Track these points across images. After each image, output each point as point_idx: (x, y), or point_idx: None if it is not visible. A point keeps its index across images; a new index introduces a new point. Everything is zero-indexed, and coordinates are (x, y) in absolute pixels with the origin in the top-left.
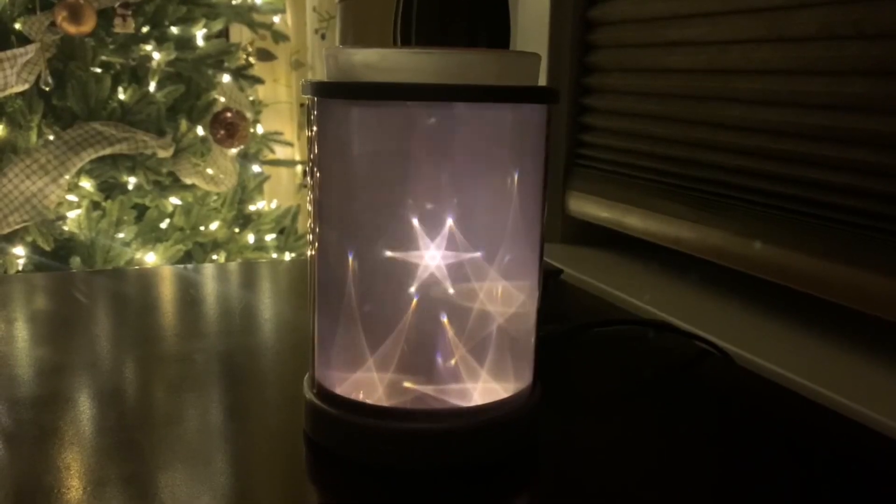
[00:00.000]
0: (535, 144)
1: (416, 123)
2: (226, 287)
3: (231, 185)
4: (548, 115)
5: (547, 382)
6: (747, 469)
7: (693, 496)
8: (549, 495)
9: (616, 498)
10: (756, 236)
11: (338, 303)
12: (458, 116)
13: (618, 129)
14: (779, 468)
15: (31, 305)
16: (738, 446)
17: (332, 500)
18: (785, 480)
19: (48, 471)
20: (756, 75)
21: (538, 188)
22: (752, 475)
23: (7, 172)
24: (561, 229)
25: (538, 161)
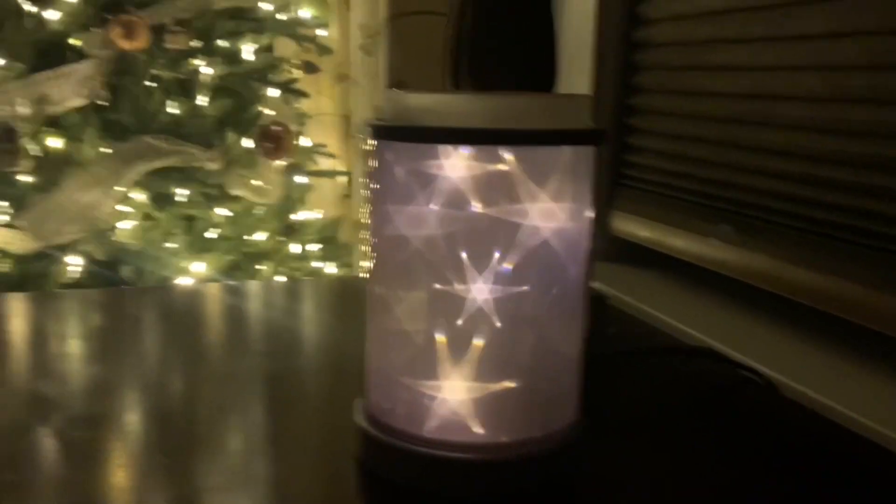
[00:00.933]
0: (583, 182)
1: (465, 165)
2: (272, 305)
3: (276, 196)
4: (596, 153)
5: (587, 407)
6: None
7: None
8: None
9: None
10: (798, 262)
11: (389, 334)
12: (507, 158)
13: (662, 150)
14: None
15: (84, 321)
16: (778, 477)
17: None
18: None
19: (97, 489)
20: (798, 102)
21: (585, 223)
22: None
23: (64, 184)
24: (604, 248)
25: (585, 198)
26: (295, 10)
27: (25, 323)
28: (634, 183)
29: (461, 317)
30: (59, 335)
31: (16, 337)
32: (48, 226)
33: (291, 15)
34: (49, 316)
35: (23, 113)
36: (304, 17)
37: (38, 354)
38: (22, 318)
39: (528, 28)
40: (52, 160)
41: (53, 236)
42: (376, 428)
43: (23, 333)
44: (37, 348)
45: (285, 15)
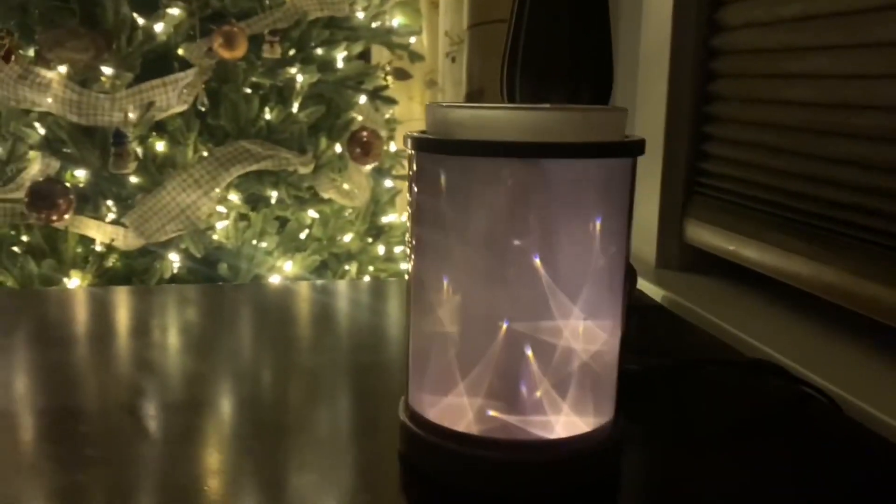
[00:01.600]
0: (620, 191)
1: (503, 175)
2: (357, 303)
3: (365, 199)
4: (633, 165)
5: (641, 417)
6: None
7: None
8: None
9: None
10: (873, 277)
11: (431, 332)
12: (545, 169)
13: (737, 159)
14: None
15: (181, 315)
16: (827, 496)
17: None
18: None
19: (191, 470)
20: (876, 111)
21: (622, 232)
22: None
23: (166, 185)
24: (679, 257)
25: (622, 206)
26: (388, 19)
27: (128, 314)
28: (709, 191)
29: (497, 321)
30: (160, 326)
31: (120, 326)
32: (151, 224)
33: (384, 23)
34: (150, 308)
35: (132, 119)
36: (396, 25)
37: (140, 343)
38: (125, 309)
39: (583, 38)
40: (156, 162)
41: (156, 234)
42: (416, 424)
43: (126, 323)
44: (139, 337)
45: (378, 23)
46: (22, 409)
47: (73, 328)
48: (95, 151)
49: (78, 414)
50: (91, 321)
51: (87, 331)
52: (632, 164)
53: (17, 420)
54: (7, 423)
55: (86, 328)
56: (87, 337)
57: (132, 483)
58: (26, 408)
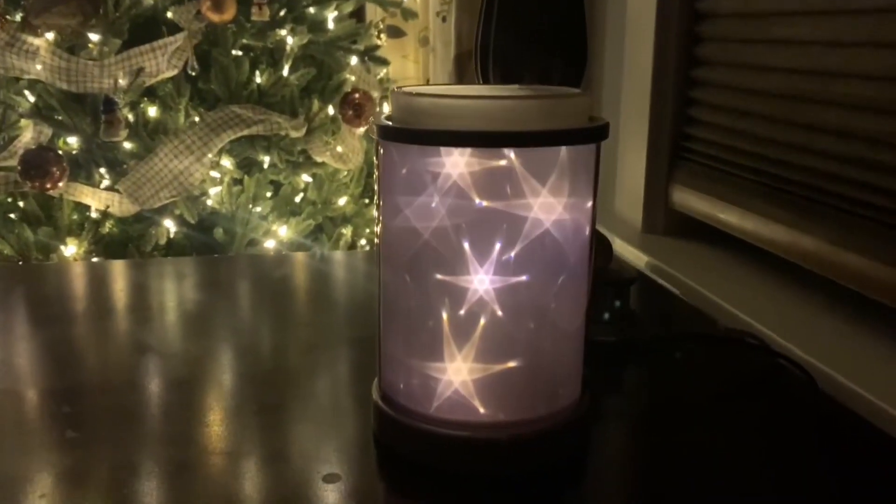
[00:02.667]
0: (583, 176)
1: (466, 162)
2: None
3: (358, 162)
4: (596, 150)
5: (615, 389)
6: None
7: None
8: (594, 495)
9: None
10: (850, 246)
11: (398, 319)
12: (509, 156)
13: (722, 124)
14: None
15: (176, 289)
16: (798, 471)
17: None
18: None
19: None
20: (856, 80)
21: (587, 217)
22: None
23: (158, 152)
24: (664, 222)
25: (587, 192)
26: None
27: (123, 286)
28: (695, 157)
29: (465, 304)
30: (154, 299)
31: (114, 300)
32: (145, 191)
33: None
34: (145, 281)
35: (122, 86)
36: None
37: (134, 317)
38: (120, 281)
39: (554, 19)
40: (148, 128)
41: (150, 201)
42: (388, 405)
43: (120, 296)
44: (133, 311)
45: None
46: (21, 382)
47: (68, 302)
48: (87, 118)
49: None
50: (85, 295)
51: (82, 305)
52: (596, 148)
53: (18, 394)
54: (6, 399)
55: (81, 302)
56: (81, 311)
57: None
58: (25, 381)
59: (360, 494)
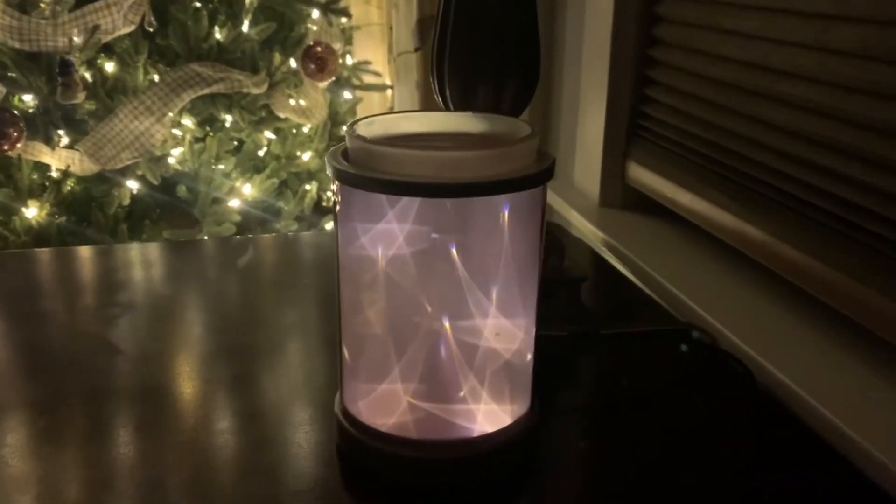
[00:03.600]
0: (532, 212)
1: (421, 208)
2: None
3: (322, 117)
4: (542, 191)
5: (563, 384)
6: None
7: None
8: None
9: None
10: (789, 241)
11: (355, 340)
12: (459, 202)
13: (676, 107)
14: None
15: (145, 275)
16: (733, 465)
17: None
18: None
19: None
20: (801, 81)
21: (534, 244)
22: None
23: (118, 113)
24: (621, 197)
25: (535, 224)
26: None
27: (91, 272)
28: (650, 136)
29: (418, 330)
30: (120, 288)
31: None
32: (105, 151)
33: None
34: (113, 267)
35: (77, 44)
36: None
37: (100, 306)
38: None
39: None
40: (107, 87)
41: (111, 162)
42: (347, 420)
43: (88, 284)
44: (98, 301)
45: None
46: None
47: (33, 286)
48: (42, 77)
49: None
50: (51, 280)
51: (47, 291)
52: (542, 188)
53: None
54: None
55: (46, 288)
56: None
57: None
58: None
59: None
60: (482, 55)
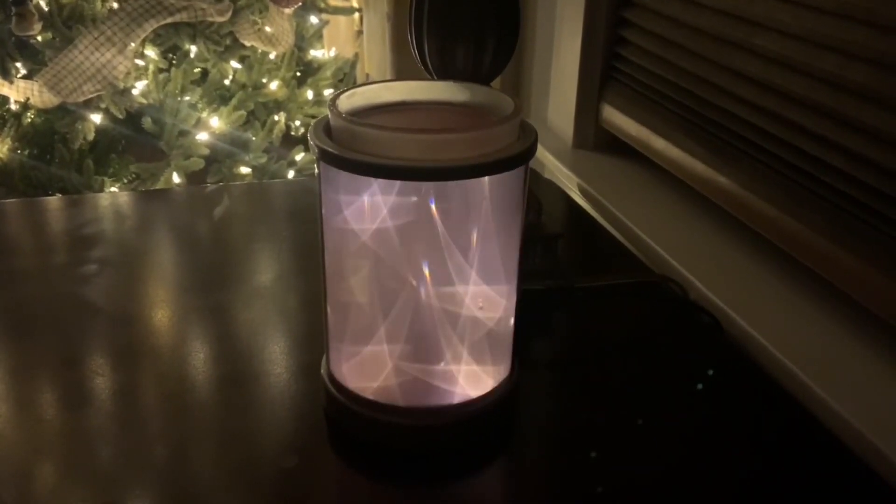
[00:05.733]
0: (513, 190)
1: (404, 187)
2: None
3: (288, 45)
4: (524, 171)
5: (540, 336)
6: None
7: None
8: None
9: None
10: (757, 192)
11: (340, 307)
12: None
13: (652, 51)
14: (740, 444)
15: (112, 228)
16: (701, 413)
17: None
18: (740, 457)
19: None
20: (776, 35)
21: (516, 221)
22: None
23: (78, 44)
24: (594, 139)
25: (517, 201)
26: None
27: (61, 226)
28: (625, 79)
29: (401, 297)
30: (89, 243)
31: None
32: (66, 84)
33: None
34: (82, 220)
35: None
36: None
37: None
38: (58, 221)
39: None
40: (62, 15)
41: (73, 94)
42: (334, 385)
43: (53, 238)
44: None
45: None
46: None
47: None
48: None
49: None
50: (20, 235)
51: (16, 246)
52: (524, 171)
53: None
54: None
55: (14, 243)
56: (14, 252)
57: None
58: None
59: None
60: (460, 16)
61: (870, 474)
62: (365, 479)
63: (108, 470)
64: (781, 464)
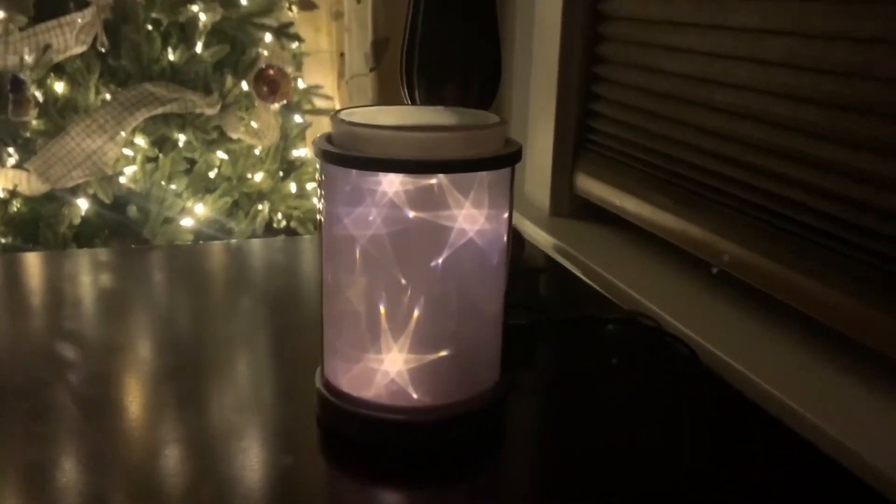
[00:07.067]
0: (501, 193)
1: (400, 182)
2: (273, 262)
3: (274, 139)
4: (511, 171)
5: (526, 366)
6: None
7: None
8: (511, 459)
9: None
10: (726, 235)
11: (338, 315)
12: (437, 179)
13: (621, 119)
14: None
15: (94, 280)
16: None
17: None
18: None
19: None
20: (734, 90)
21: (504, 225)
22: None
23: (70, 131)
24: (570, 206)
25: (504, 205)
26: None
27: (39, 279)
28: (597, 148)
29: (399, 301)
30: (74, 292)
31: (32, 292)
32: (55, 170)
33: None
34: (63, 273)
35: (28, 62)
36: None
37: (55, 311)
38: (37, 276)
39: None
40: (58, 106)
41: (62, 180)
42: (330, 392)
43: (38, 289)
44: (53, 305)
45: None
46: None
47: None
48: None
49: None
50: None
51: None
52: (510, 169)
53: None
54: None
55: None
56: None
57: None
58: None
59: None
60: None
61: (847, 476)
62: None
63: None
64: (762, 478)
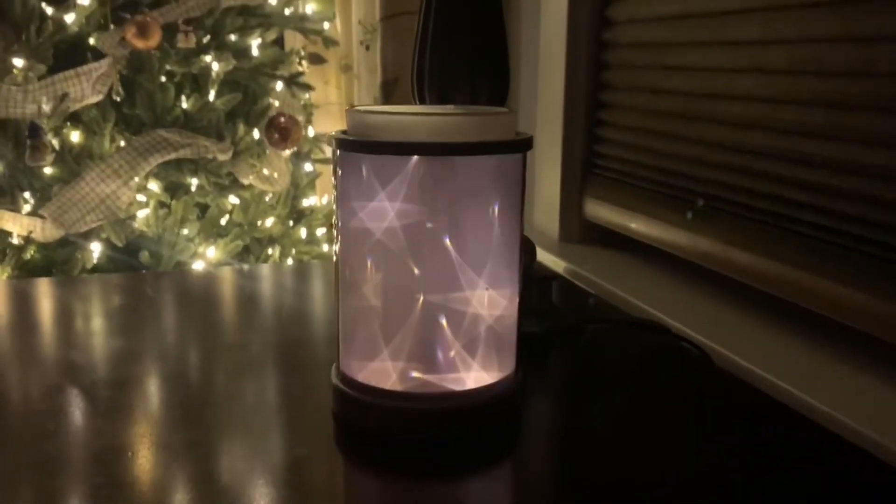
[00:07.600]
0: (513, 180)
1: (414, 169)
2: (281, 286)
3: (285, 184)
4: (523, 158)
5: (540, 372)
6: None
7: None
8: (527, 457)
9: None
10: (738, 245)
11: (357, 306)
12: (449, 164)
13: (627, 142)
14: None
15: (107, 303)
16: (691, 431)
17: (356, 465)
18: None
19: (123, 437)
20: (737, 101)
21: (516, 214)
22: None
23: (84, 176)
24: (579, 232)
25: (516, 192)
26: (301, 5)
27: (51, 304)
28: (604, 172)
29: (414, 298)
30: (85, 316)
31: (45, 317)
32: (70, 215)
33: (298, 10)
34: (75, 298)
35: (46, 111)
36: (310, 11)
37: (66, 331)
38: (50, 300)
39: (481, 51)
40: (73, 153)
41: (76, 225)
42: (347, 385)
43: (50, 314)
44: (64, 326)
45: (291, 9)
46: None
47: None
48: (9, 143)
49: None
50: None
51: (10, 323)
52: (522, 158)
53: None
54: None
55: (8, 321)
56: (10, 330)
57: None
58: None
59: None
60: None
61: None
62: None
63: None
64: (777, 464)
